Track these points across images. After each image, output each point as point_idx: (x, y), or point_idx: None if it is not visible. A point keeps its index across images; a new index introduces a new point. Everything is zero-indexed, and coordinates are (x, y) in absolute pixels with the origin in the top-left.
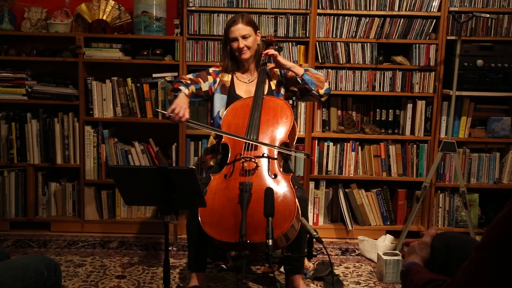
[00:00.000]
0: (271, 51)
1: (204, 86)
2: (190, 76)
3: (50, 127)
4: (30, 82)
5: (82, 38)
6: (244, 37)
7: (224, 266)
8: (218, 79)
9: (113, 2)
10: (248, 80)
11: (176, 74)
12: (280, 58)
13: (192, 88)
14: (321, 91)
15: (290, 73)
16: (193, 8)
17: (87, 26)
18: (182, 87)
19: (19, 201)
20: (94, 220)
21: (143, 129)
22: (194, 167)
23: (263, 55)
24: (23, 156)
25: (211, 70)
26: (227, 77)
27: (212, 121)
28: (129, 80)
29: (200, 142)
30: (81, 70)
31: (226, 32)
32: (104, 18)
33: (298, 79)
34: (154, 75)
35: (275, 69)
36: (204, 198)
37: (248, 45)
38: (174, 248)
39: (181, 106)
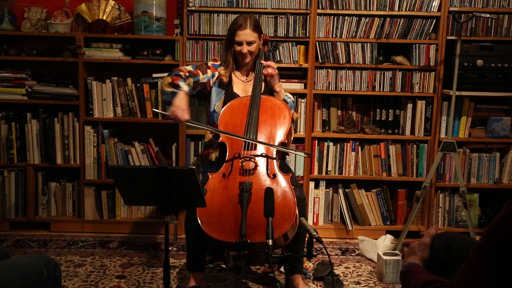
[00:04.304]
0: (271, 70)
1: (203, 79)
2: (189, 68)
3: (50, 127)
4: (30, 82)
5: (82, 38)
6: (249, 43)
7: (224, 266)
8: (216, 73)
9: (113, 2)
10: (246, 79)
11: None
12: (276, 78)
13: (190, 80)
14: None
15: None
16: (193, 8)
17: (87, 26)
18: (181, 83)
19: (19, 201)
20: (94, 220)
21: (143, 129)
22: (194, 167)
23: (264, 70)
24: (23, 156)
25: (210, 63)
26: (225, 73)
27: (208, 115)
28: (129, 80)
29: (200, 142)
30: (81, 70)
31: (231, 34)
32: (104, 18)
33: None
34: (154, 75)
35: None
36: (204, 198)
37: (251, 50)
38: (174, 248)
39: (180, 107)
